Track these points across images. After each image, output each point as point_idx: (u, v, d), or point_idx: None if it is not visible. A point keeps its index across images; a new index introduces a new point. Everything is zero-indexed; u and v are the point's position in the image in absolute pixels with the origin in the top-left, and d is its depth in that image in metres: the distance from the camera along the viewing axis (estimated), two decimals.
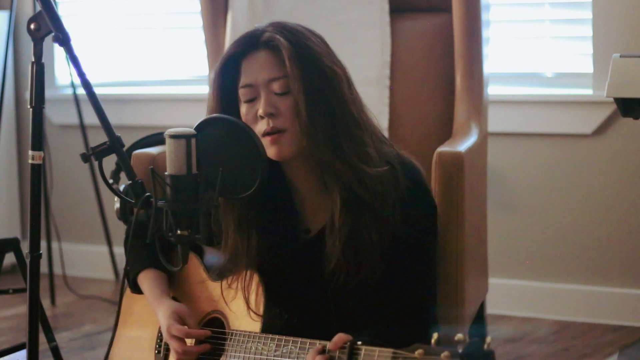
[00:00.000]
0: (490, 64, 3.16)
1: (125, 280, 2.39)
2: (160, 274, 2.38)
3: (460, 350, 1.74)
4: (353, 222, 2.20)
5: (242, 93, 2.23)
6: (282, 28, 2.23)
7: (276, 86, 2.20)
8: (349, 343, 2.02)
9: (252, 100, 2.22)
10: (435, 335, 1.80)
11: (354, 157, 2.19)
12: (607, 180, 3.72)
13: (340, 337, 2.05)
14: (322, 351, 2.05)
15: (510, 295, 3.84)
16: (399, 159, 2.28)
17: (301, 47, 2.20)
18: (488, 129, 3.12)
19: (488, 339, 1.75)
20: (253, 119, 2.21)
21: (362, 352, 1.99)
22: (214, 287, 2.33)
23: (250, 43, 2.24)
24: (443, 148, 2.60)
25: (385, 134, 3.06)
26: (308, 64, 2.19)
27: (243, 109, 2.23)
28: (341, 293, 2.23)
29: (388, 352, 1.93)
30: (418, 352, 1.82)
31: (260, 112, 2.19)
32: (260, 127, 2.20)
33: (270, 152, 2.19)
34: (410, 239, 2.24)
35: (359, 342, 2.01)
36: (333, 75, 2.21)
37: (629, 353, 3.39)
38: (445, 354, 1.76)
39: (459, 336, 1.76)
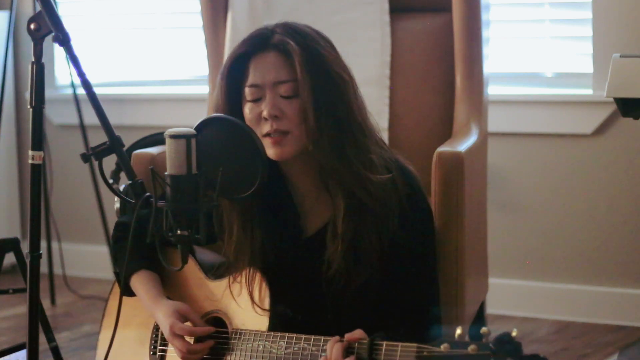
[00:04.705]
0: (490, 64, 3.16)
1: (120, 284, 2.37)
2: (153, 275, 2.37)
3: (491, 345, 1.73)
4: (355, 227, 2.21)
5: (248, 92, 2.23)
6: (293, 31, 2.23)
7: (283, 89, 2.20)
8: (368, 339, 2.02)
9: (256, 101, 2.22)
10: (458, 330, 1.79)
11: (358, 163, 2.20)
12: (607, 180, 3.72)
13: (358, 331, 2.06)
14: (340, 342, 2.06)
15: (510, 295, 3.84)
16: (397, 164, 2.29)
17: (312, 53, 2.20)
18: (488, 129, 3.12)
19: (514, 331, 1.74)
20: (256, 119, 2.21)
21: (384, 347, 1.99)
22: (214, 286, 2.33)
23: (259, 43, 2.24)
24: (443, 148, 2.60)
25: (385, 134, 3.07)
26: (318, 69, 2.19)
27: (247, 107, 2.24)
28: (339, 296, 2.24)
29: (412, 347, 1.92)
30: (444, 346, 1.80)
31: (265, 113, 2.19)
32: (263, 128, 2.20)
33: (271, 152, 2.20)
34: (408, 244, 2.25)
35: (379, 338, 2.01)
36: (341, 81, 2.22)
37: (629, 353, 3.39)
38: (472, 347, 1.75)
39: (484, 329, 1.75)
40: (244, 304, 2.26)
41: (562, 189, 3.79)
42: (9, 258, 2.81)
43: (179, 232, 2.00)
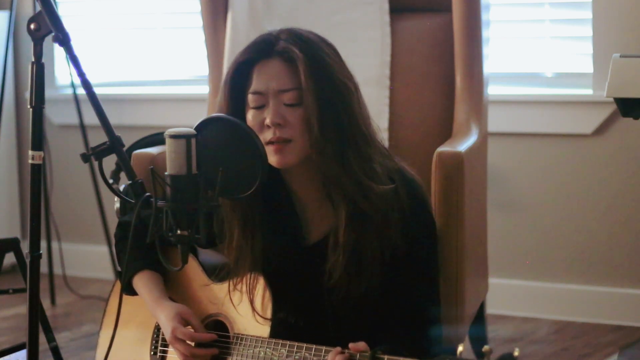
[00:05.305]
0: (490, 64, 3.16)
1: (121, 284, 2.37)
2: (156, 275, 2.37)
3: None
4: (357, 237, 2.20)
5: (251, 99, 2.22)
6: (297, 38, 2.22)
7: (286, 97, 2.19)
8: (370, 351, 2.01)
9: (260, 108, 2.21)
10: (460, 347, 1.78)
11: (360, 172, 2.19)
12: (607, 180, 3.72)
13: (362, 343, 2.05)
14: (342, 353, 2.05)
15: (510, 295, 3.84)
16: (400, 174, 2.27)
17: (316, 60, 2.19)
18: (488, 129, 3.12)
19: (517, 351, 1.73)
20: (259, 126, 2.20)
21: None
22: (216, 289, 2.32)
23: (264, 50, 2.22)
24: (443, 148, 2.60)
25: (385, 134, 3.07)
26: (322, 77, 2.18)
27: (250, 114, 2.23)
28: (340, 304, 2.23)
29: None
30: None
31: (268, 121, 2.18)
32: (266, 135, 2.19)
33: (273, 160, 2.19)
34: (409, 254, 2.24)
35: (380, 351, 2.00)
36: (345, 90, 2.21)
37: (629, 353, 3.39)
38: None
39: (486, 348, 1.74)
40: (245, 311, 2.26)
41: (562, 189, 3.79)
42: (9, 258, 2.81)
43: (179, 232, 2.00)
